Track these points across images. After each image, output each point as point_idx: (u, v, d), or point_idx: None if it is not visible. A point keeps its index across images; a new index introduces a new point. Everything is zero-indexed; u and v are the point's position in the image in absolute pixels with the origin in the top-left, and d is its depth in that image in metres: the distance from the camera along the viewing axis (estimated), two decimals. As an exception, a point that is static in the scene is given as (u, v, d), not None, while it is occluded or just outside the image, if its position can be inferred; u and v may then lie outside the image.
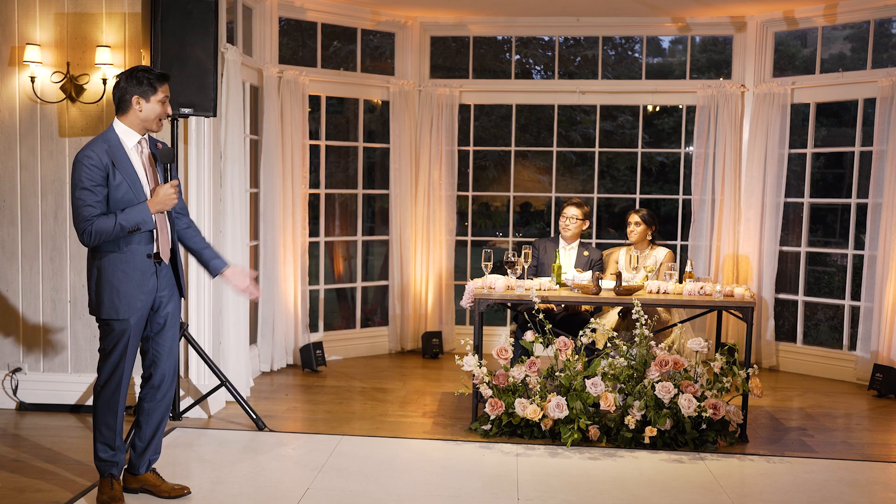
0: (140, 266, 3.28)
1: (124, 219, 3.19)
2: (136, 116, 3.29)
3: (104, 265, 3.26)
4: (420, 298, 6.66)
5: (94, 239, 3.19)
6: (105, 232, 3.18)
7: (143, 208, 3.23)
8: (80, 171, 3.19)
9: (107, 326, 3.31)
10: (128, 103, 3.28)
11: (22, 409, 4.79)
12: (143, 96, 3.27)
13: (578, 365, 4.43)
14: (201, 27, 4.26)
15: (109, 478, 3.41)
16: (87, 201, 3.18)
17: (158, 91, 3.29)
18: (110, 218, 3.18)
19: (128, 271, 3.27)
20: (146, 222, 3.23)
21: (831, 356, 6.12)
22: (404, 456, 4.11)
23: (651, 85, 6.62)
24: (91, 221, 3.17)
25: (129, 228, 3.20)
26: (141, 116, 3.29)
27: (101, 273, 3.27)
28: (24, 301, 4.78)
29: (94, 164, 3.19)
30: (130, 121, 3.30)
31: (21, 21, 4.66)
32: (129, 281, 3.27)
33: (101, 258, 3.26)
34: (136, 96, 3.27)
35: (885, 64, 5.92)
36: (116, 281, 3.26)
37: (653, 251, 5.35)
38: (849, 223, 6.18)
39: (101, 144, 3.24)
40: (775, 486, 3.80)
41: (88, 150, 3.21)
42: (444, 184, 6.60)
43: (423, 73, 6.65)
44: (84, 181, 3.18)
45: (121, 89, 3.28)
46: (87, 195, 3.18)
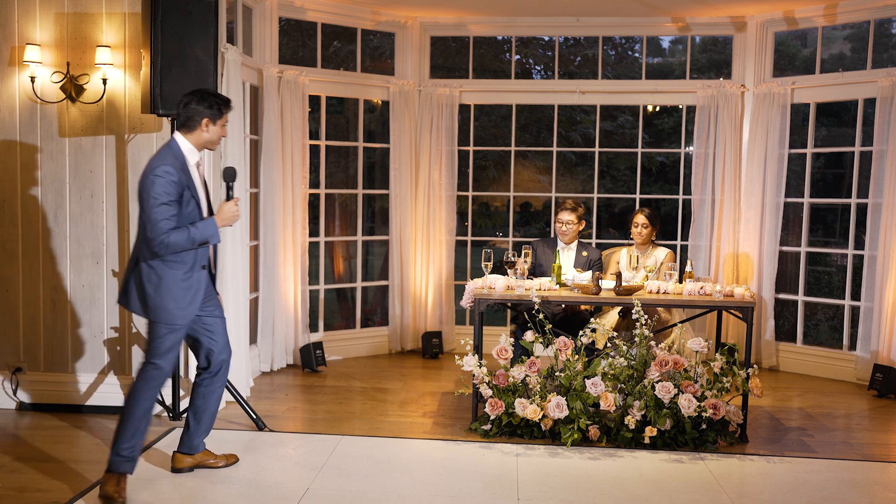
0: (197, 276, 3.52)
1: (196, 233, 3.42)
2: (200, 136, 3.53)
3: (167, 275, 3.45)
4: (420, 298, 6.66)
5: (167, 250, 3.39)
6: (178, 245, 3.39)
7: (212, 224, 3.49)
8: (160, 187, 3.36)
9: (162, 331, 3.49)
10: (196, 123, 3.51)
11: (22, 409, 4.79)
12: (212, 120, 3.52)
13: (578, 365, 4.43)
14: (201, 27, 4.26)
15: (123, 474, 3.49)
16: (165, 215, 3.36)
17: (224, 116, 3.57)
18: (183, 232, 3.40)
19: (189, 282, 3.49)
20: (214, 237, 3.49)
21: (831, 356, 6.12)
22: (404, 456, 4.11)
23: (651, 85, 6.62)
24: (168, 234, 3.36)
25: (199, 242, 3.44)
26: (205, 138, 3.54)
27: (162, 282, 3.45)
28: (24, 301, 4.78)
29: (173, 180, 3.38)
30: (194, 139, 3.53)
31: (21, 21, 4.66)
32: (189, 291, 3.49)
33: (165, 268, 3.45)
34: (206, 119, 3.51)
35: (885, 64, 5.92)
36: (179, 291, 3.47)
37: (653, 251, 5.35)
38: (849, 223, 6.18)
39: (173, 161, 3.43)
40: (775, 486, 3.80)
41: (166, 166, 3.39)
42: (444, 184, 6.59)
43: (423, 73, 6.65)
44: (163, 196, 3.36)
45: (191, 109, 3.50)
46: (165, 210, 3.36)
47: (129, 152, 4.68)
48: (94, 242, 4.73)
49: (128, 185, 4.69)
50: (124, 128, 4.67)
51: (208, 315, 3.69)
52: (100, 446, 4.17)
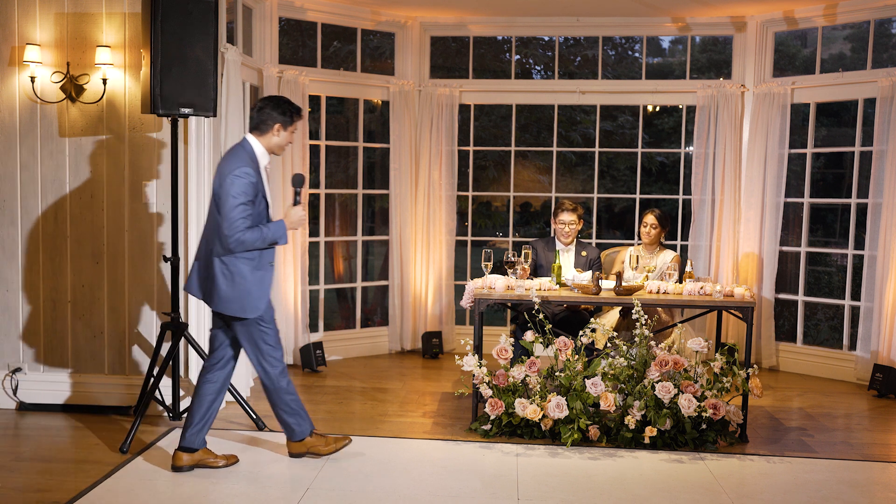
0: (265, 272, 3.72)
1: (268, 233, 3.63)
2: (270, 140, 3.72)
3: (239, 269, 3.65)
4: (420, 298, 6.66)
5: (241, 248, 3.59)
6: (252, 243, 3.59)
7: (281, 226, 3.69)
8: (239, 187, 3.55)
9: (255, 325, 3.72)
10: (269, 127, 3.70)
11: (22, 409, 4.79)
12: (283, 126, 3.72)
13: (578, 365, 4.43)
14: (201, 27, 4.26)
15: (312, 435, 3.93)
16: (242, 214, 3.55)
17: (295, 123, 3.76)
18: (256, 231, 3.59)
19: (258, 276, 3.69)
20: (283, 238, 3.69)
21: (831, 356, 6.12)
22: (404, 456, 4.11)
23: (651, 85, 6.62)
24: (244, 232, 3.56)
25: (269, 241, 3.65)
26: (274, 142, 3.73)
27: (235, 276, 3.65)
28: (24, 301, 4.78)
29: (252, 181, 3.58)
30: (265, 142, 3.72)
31: (21, 21, 4.66)
32: (260, 284, 3.70)
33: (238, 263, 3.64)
34: (279, 124, 3.70)
35: (885, 64, 5.92)
36: (252, 284, 3.66)
37: (660, 253, 5.35)
38: (849, 223, 6.18)
39: (249, 162, 3.62)
40: (775, 486, 3.80)
41: (246, 167, 3.58)
42: (444, 184, 6.59)
43: (423, 73, 6.65)
44: (241, 196, 3.55)
45: (265, 114, 3.70)
46: (243, 209, 3.55)
47: (129, 152, 4.69)
48: (94, 242, 4.73)
49: (128, 185, 4.69)
50: (124, 128, 4.67)
51: None
52: (100, 446, 4.17)
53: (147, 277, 4.72)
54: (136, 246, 4.72)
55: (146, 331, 4.75)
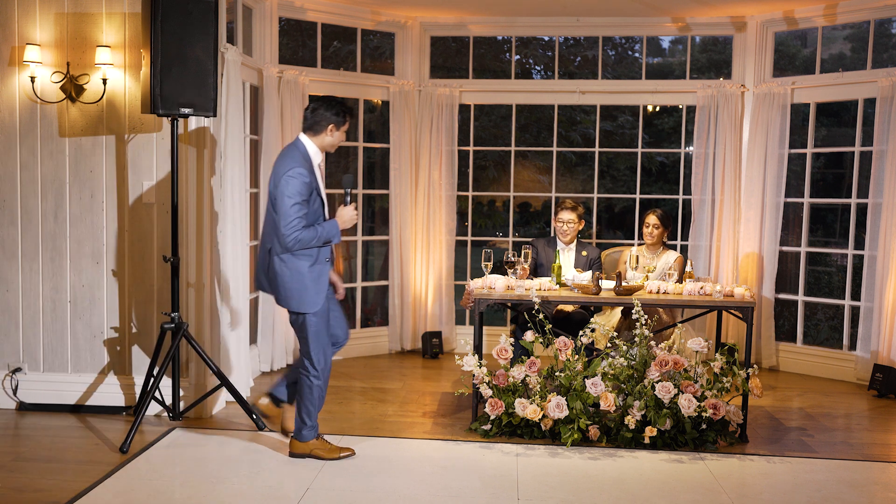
0: (321, 268, 3.85)
1: (322, 232, 3.77)
2: (323, 140, 3.86)
3: (297, 266, 3.79)
4: (420, 298, 6.66)
5: (298, 246, 3.72)
6: (306, 241, 3.73)
7: (334, 225, 3.82)
8: (294, 187, 3.68)
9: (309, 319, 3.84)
10: (323, 128, 3.84)
11: (22, 409, 4.79)
12: (337, 126, 3.86)
13: (578, 365, 4.43)
14: (201, 27, 4.26)
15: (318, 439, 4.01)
16: (297, 214, 3.69)
17: (347, 123, 3.90)
18: (312, 230, 3.74)
19: (315, 272, 3.81)
20: (336, 236, 3.84)
21: (831, 356, 6.12)
22: (404, 456, 4.11)
23: (651, 85, 6.62)
24: (300, 231, 3.70)
25: (324, 240, 3.79)
26: (327, 141, 3.87)
27: (294, 273, 3.79)
28: (24, 301, 4.78)
29: (305, 181, 3.71)
30: (318, 141, 3.86)
31: (21, 21, 4.66)
32: (318, 281, 3.82)
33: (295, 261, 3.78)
34: (332, 125, 3.84)
35: (885, 64, 5.92)
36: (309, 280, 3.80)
37: (664, 254, 5.34)
38: (849, 223, 6.18)
39: (302, 162, 3.76)
40: (775, 486, 3.80)
41: (300, 168, 3.71)
42: (444, 184, 6.59)
43: (423, 73, 6.65)
44: (296, 196, 3.68)
45: (319, 114, 3.84)
46: (297, 209, 3.69)
47: (129, 152, 4.69)
48: (94, 242, 4.73)
49: (128, 185, 4.69)
50: (124, 128, 4.67)
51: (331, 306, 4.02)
52: (99, 446, 4.17)
53: (147, 277, 4.72)
54: (136, 246, 4.72)
55: (146, 331, 4.75)
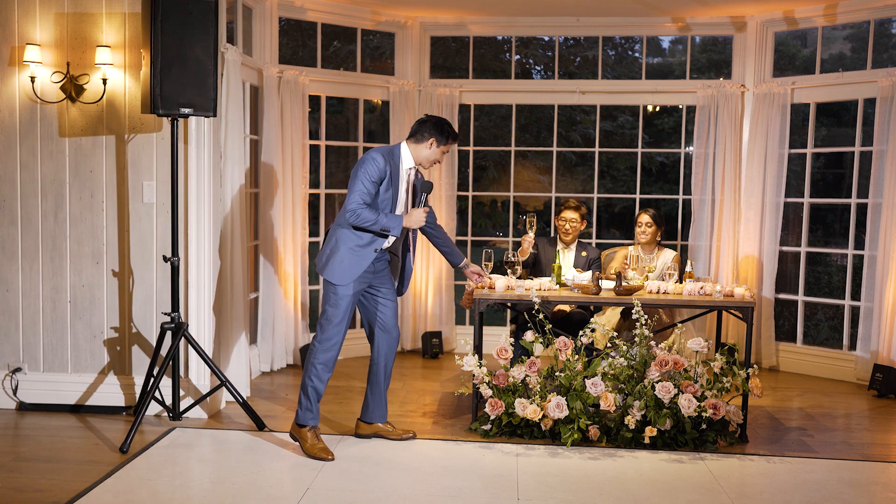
0: (366, 253, 4.02)
1: (383, 220, 3.96)
2: (421, 151, 4.11)
3: (344, 240, 4.00)
4: (420, 298, 6.66)
5: (356, 220, 3.93)
6: (364, 218, 3.93)
7: (398, 220, 4.00)
8: (367, 166, 3.94)
9: (329, 292, 4.04)
10: (425, 139, 4.09)
11: (22, 409, 4.79)
12: (437, 143, 4.09)
13: (578, 365, 4.43)
14: (201, 27, 4.26)
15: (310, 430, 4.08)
16: (363, 190, 3.93)
17: (448, 144, 4.13)
18: (374, 213, 3.94)
19: (357, 255, 4.00)
20: (396, 229, 4.00)
21: (831, 356, 6.12)
22: (404, 456, 4.11)
23: (651, 85, 6.62)
24: (363, 207, 3.92)
25: (381, 227, 3.96)
26: (424, 154, 4.11)
27: (338, 245, 4.01)
28: (24, 301, 4.78)
29: (378, 166, 3.96)
30: (415, 151, 4.11)
31: (21, 21, 4.66)
32: (354, 261, 3.99)
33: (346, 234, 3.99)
34: (433, 139, 4.09)
35: (885, 64, 5.92)
36: (347, 256, 3.99)
37: (660, 253, 5.34)
38: (849, 223, 6.18)
39: (388, 154, 4.03)
40: (775, 486, 3.80)
41: (378, 154, 3.98)
42: (444, 184, 6.59)
43: (423, 73, 6.65)
44: (367, 175, 3.94)
45: (426, 128, 4.10)
46: (366, 184, 3.93)
47: (129, 152, 4.69)
48: (94, 242, 4.73)
49: (128, 184, 4.69)
50: (124, 128, 4.67)
51: (382, 297, 4.20)
52: (99, 446, 4.17)
53: (147, 277, 4.73)
54: (136, 246, 4.72)
55: (146, 331, 4.75)
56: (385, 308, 4.23)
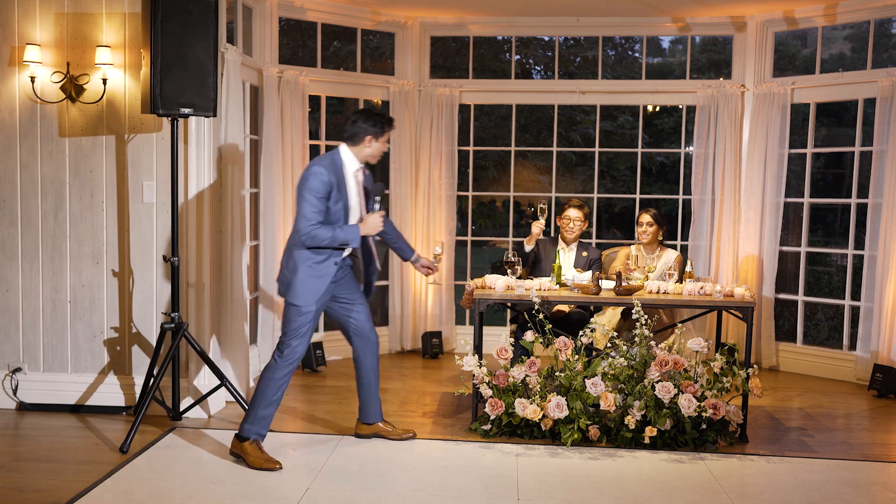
0: (326, 268, 3.90)
1: (340, 234, 3.83)
2: (362, 151, 3.94)
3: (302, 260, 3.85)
4: (420, 298, 6.66)
5: (312, 241, 3.80)
6: (322, 238, 3.79)
7: (355, 230, 3.88)
8: (311, 181, 3.78)
9: (291, 312, 3.91)
10: (360, 139, 3.92)
11: (22, 409, 4.79)
12: (374, 137, 3.93)
13: (578, 365, 4.43)
14: (201, 27, 4.26)
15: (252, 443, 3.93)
16: (313, 207, 3.77)
17: (386, 134, 3.96)
18: (329, 229, 3.80)
19: (317, 271, 3.87)
20: (354, 241, 3.89)
21: (831, 356, 6.12)
22: (404, 456, 4.11)
23: (651, 85, 6.62)
24: (315, 227, 3.77)
25: (339, 242, 3.85)
26: (366, 152, 3.95)
27: (297, 266, 3.86)
28: (24, 301, 4.78)
29: (323, 179, 3.80)
30: (357, 151, 3.95)
31: (21, 21, 4.66)
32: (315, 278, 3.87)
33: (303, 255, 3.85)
34: (369, 136, 3.92)
35: (885, 64, 5.92)
36: (306, 276, 3.86)
37: (662, 253, 5.34)
38: (849, 223, 6.18)
39: (331, 165, 3.86)
40: (775, 486, 3.80)
41: (319, 167, 3.82)
42: (444, 184, 6.59)
43: (423, 73, 6.65)
44: (312, 191, 3.77)
45: (357, 126, 3.92)
46: (313, 201, 3.78)
47: (129, 152, 4.69)
48: (94, 242, 4.73)
49: (128, 185, 4.70)
50: (124, 128, 4.67)
51: (350, 304, 4.12)
52: (99, 446, 4.17)
53: (147, 277, 4.73)
54: (136, 246, 4.72)
55: (146, 331, 4.75)
56: (357, 314, 4.16)
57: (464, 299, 4.91)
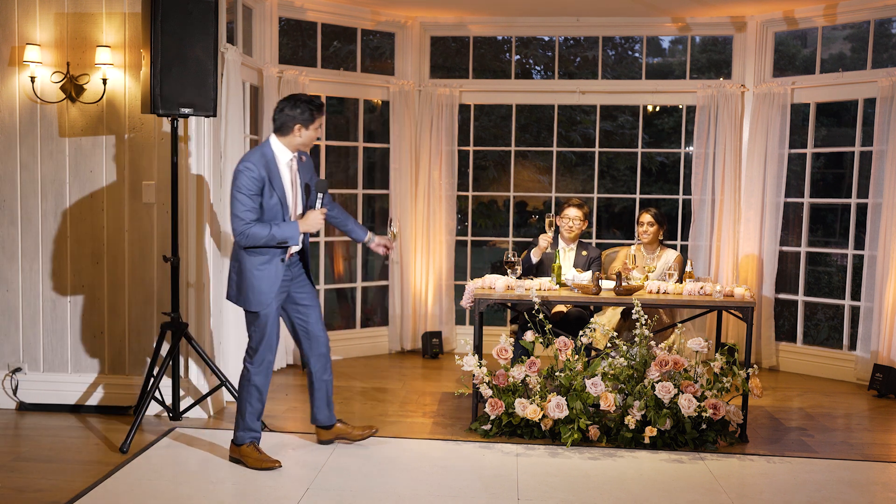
0: (274, 268, 3.76)
1: (277, 232, 3.67)
2: (293, 140, 3.77)
3: (246, 263, 3.73)
4: (420, 298, 6.66)
5: (249, 242, 3.66)
6: (257, 238, 3.65)
7: (294, 227, 3.71)
8: (241, 178, 3.64)
9: (249, 317, 3.81)
10: (289, 129, 3.74)
11: (22, 409, 4.79)
12: (304, 125, 3.74)
13: (578, 365, 4.43)
14: (201, 27, 4.26)
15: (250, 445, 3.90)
16: (244, 205, 3.64)
17: (316, 121, 3.77)
18: (265, 228, 3.65)
19: (265, 272, 3.74)
20: (293, 239, 3.71)
21: (831, 356, 6.12)
22: (404, 456, 4.11)
23: (651, 85, 6.62)
24: (249, 226, 3.64)
25: (278, 241, 3.68)
26: (297, 141, 3.77)
27: (243, 269, 3.74)
28: (24, 301, 4.78)
29: (252, 175, 3.65)
30: (287, 142, 3.77)
31: (21, 21, 4.66)
32: (264, 280, 3.74)
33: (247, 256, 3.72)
34: (298, 125, 3.73)
35: (885, 64, 5.92)
36: (255, 279, 3.74)
37: (663, 253, 5.34)
38: (849, 223, 6.18)
39: (260, 158, 3.70)
40: (775, 486, 3.80)
41: (249, 162, 3.66)
42: (444, 184, 6.59)
43: (423, 73, 6.65)
44: (242, 188, 3.64)
45: (285, 115, 3.73)
46: (244, 199, 3.64)
47: (128, 152, 4.69)
48: (94, 242, 4.73)
49: (128, 185, 4.69)
50: (124, 128, 4.67)
51: (301, 303, 3.97)
52: (99, 446, 4.17)
53: (147, 277, 4.72)
54: (136, 246, 4.72)
55: (146, 331, 4.75)
56: (307, 313, 4.01)
57: (464, 299, 4.90)
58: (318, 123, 3.80)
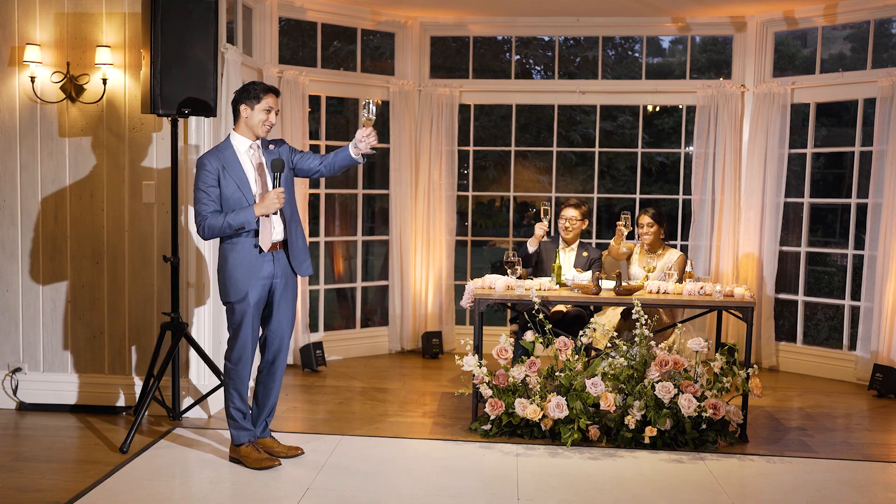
0: (249, 258, 3.76)
1: (232, 219, 3.69)
2: (244, 123, 3.79)
3: (225, 255, 3.78)
4: (420, 298, 6.66)
5: (208, 233, 3.71)
6: (215, 228, 3.70)
7: (248, 211, 3.71)
8: (197, 175, 3.73)
9: (229, 307, 3.82)
10: (238, 114, 3.79)
11: (22, 409, 4.79)
12: (249, 105, 3.76)
13: (578, 365, 4.43)
14: (201, 27, 4.26)
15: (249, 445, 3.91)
16: (201, 200, 3.71)
17: (262, 100, 3.76)
18: (219, 217, 3.69)
19: (245, 264, 3.76)
20: (249, 223, 3.71)
21: (831, 356, 6.12)
22: (404, 456, 4.11)
23: (651, 85, 6.62)
24: (205, 218, 3.70)
25: (235, 227, 3.69)
26: (251, 124, 3.78)
27: (225, 263, 3.78)
28: (24, 301, 4.78)
29: (207, 169, 3.72)
30: (241, 129, 3.81)
31: (21, 21, 4.66)
32: (239, 269, 3.75)
33: (225, 250, 3.78)
34: (243, 105, 3.77)
35: (885, 64, 5.92)
36: (232, 269, 3.76)
37: (665, 252, 5.32)
38: (849, 223, 6.18)
39: (215, 151, 3.78)
40: (775, 486, 3.80)
41: (204, 157, 3.75)
42: (444, 184, 6.59)
43: (423, 73, 6.65)
44: (199, 184, 3.72)
45: (234, 101, 3.81)
46: (201, 195, 3.72)
47: (128, 152, 4.68)
48: (94, 242, 4.73)
49: (127, 185, 4.69)
50: (124, 128, 4.67)
51: (276, 305, 3.89)
52: (99, 446, 4.17)
53: (147, 277, 4.72)
54: (136, 246, 4.72)
55: (146, 331, 4.75)
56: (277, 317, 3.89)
57: (464, 299, 4.90)
58: (267, 105, 3.75)
